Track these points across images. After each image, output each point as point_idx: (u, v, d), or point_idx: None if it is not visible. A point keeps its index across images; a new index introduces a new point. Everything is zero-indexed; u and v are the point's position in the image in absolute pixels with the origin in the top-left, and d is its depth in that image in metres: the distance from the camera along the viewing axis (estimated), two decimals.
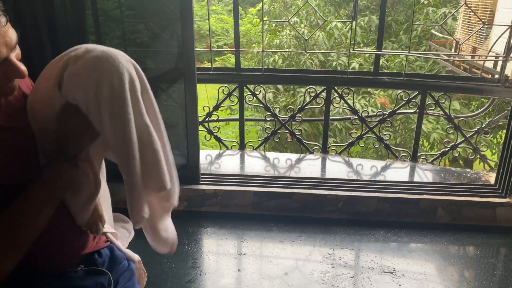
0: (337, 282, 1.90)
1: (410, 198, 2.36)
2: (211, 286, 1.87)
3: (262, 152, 3.08)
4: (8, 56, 0.85)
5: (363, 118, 2.83)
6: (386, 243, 2.22)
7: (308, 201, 2.42)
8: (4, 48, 0.84)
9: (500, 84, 2.56)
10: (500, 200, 2.34)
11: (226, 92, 2.82)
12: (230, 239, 2.23)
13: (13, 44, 0.86)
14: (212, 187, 2.44)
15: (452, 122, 2.71)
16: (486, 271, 2.02)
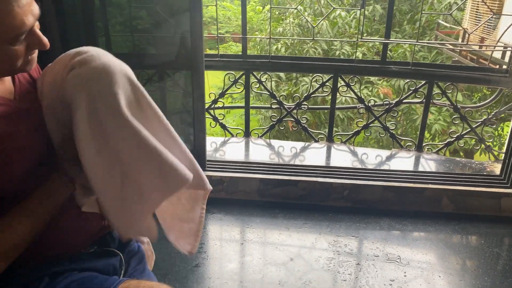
0: (343, 269, 1.92)
1: (415, 187, 2.37)
2: (218, 271, 1.89)
3: (267, 140, 3.08)
4: (33, 26, 0.85)
5: (369, 107, 2.82)
6: (391, 231, 2.24)
7: (314, 189, 2.42)
8: (31, 17, 0.83)
9: (508, 75, 2.55)
10: (506, 191, 2.35)
11: (232, 79, 2.81)
12: (236, 225, 2.25)
13: (38, 14, 0.85)
14: (218, 174, 2.45)
15: (458, 112, 2.71)
16: (490, 260, 2.03)
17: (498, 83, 2.60)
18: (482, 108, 2.95)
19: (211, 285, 1.78)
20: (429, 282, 1.86)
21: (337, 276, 1.88)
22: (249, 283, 1.81)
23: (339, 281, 1.84)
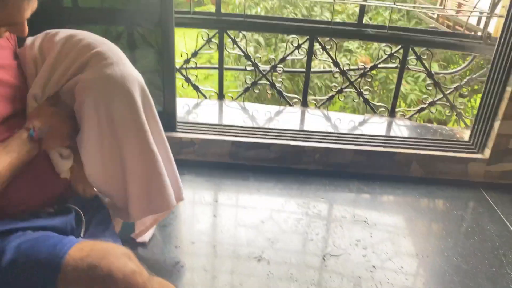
0: (310, 230, 1.94)
1: (385, 152, 2.39)
2: (186, 230, 1.88)
3: (242, 103, 3.03)
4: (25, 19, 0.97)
5: (344, 71, 2.79)
6: (359, 194, 2.26)
7: (286, 152, 2.41)
8: (29, 12, 0.97)
9: (482, 41, 2.55)
10: (473, 156, 2.39)
11: (205, 38, 2.71)
12: (206, 187, 2.23)
13: (34, 9, 0.98)
14: (189, 135, 2.40)
15: (432, 78, 2.71)
16: (454, 223, 2.09)
17: (472, 50, 2.60)
18: (456, 75, 2.97)
19: (179, 244, 1.78)
20: (394, 242, 1.90)
21: (304, 236, 1.89)
22: (217, 242, 1.81)
23: (306, 241, 1.86)
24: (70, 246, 0.99)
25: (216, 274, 1.63)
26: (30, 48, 1.20)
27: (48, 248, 0.99)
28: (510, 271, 1.76)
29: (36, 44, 1.21)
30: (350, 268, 1.72)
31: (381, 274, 1.70)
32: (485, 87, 2.34)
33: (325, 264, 1.74)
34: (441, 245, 1.91)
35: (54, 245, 1.00)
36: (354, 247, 1.85)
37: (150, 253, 1.69)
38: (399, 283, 1.66)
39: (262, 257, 1.74)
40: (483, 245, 1.92)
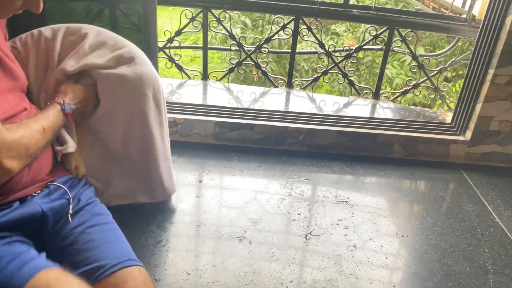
0: (293, 210, 1.94)
1: (368, 133, 2.40)
2: (167, 210, 1.86)
3: (226, 84, 3.00)
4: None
5: (329, 52, 2.78)
6: (342, 175, 2.27)
7: (270, 133, 2.40)
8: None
9: (466, 24, 2.56)
10: (454, 138, 2.42)
11: (189, 16, 2.66)
12: (189, 167, 2.21)
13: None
14: (171, 115, 2.37)
15: (416, 60, 2.71)
16: (434, 203, 2.12)
17: (457, 32, 2.61)
18: (440, 57, 2.97)
19: (160, 224, 1.77)
20: (374, 222, 1.92)
21: (286, 216, 1.90)
22: (200, 223, 1.80)
23: (289, 221, 1.87)
24: (32, 274, 0.96)
25: (198, 254, 1.63)
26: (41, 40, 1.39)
27: (11, 270, 0.96)
28: (486, 250, 1.80)
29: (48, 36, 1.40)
30: (331, 247, 1.74)
31: (361, 253, 1.72)
32: (468, 69, 2.35)
33: (306, 243, 1.75)
34: (421, 225, 1.94)
35: (19, 268, 0.97)
36: (336, 227, 1.86)
37: (131, 232, 1.68)
38: (378, 262, 1.68)
39: (244, 237, 1.74)
40: (462, 224, 1.95)
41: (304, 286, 1.53)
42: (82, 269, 1.07)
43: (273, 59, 6.96)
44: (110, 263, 1.08)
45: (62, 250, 1.11)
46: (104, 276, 1.06)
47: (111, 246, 1.13)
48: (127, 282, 1.06)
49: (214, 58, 8.31)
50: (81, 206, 1.21)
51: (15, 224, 1.07)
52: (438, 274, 1.64)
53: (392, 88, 7.46)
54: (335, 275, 1.59)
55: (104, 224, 1.19)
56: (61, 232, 1.14)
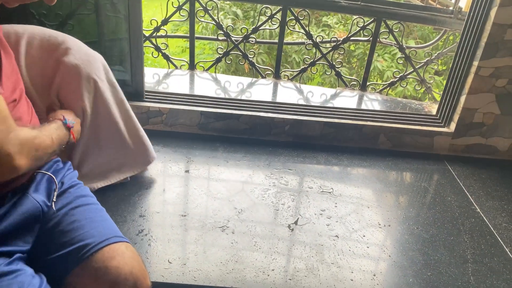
0: (276, 200, 1.95)
1: (354, 124, 2.40)
2: (152, 199, 1.86)
3: (214, 74, 2.98)
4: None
5: (317, 43, 2.77)
6: (327, 166, 2.28)
7: (256, 124, 2.40)
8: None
9: (453, 16, 2.56)
10: (439, 129, 2.43)
11: (176, 5, 2.63)
12: (174, 157, 2.20)
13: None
14: (157, 105, 2.36)
15: (403, 52, 2.72)
16: (417, 194, 2.14)
17: (443, 24, 2.62)
18: (428, 49, 2.98)
19: (143, 213, 1.76)
20: (358, 212, 1.93)
21: (270, 206, 1.90)
22: (183, 212, 1.80)
23: (272, 210, 1.88)
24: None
25: (181, 243, 1.63)
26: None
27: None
28: (466, 239, 1.82)
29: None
30: (313, 236, 1.75)
31: (344, 243, 1.73)
32: (453, 61, 2.37)
33: (289, 233, 1.76)
34: (404, 215, 1.95)
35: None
36: (319, 217, 1.87)
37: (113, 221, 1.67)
38: (360, 251, 1.70)
39: (227, 227, 1.74)
40: (443, 215, 1.98)
41: (286, 275, 1.54)
42: (67, 249, 1.06)
43: (264, 51, 6.93)
44: (96, 240, 1.08)
45: (46, 233, 1.10)
46: (91, 254, 1.05)
47: (96, 225, 1.12)
48: (114, 257, 1.06)
49: (206, 49, 8.26)
50: (64, 189, 1.20)
51: (18, 226, 1.05)
52: (419, 263, 1.66)
53: (383, 81, 7.48)
54: (316, 264, 1.60)
55: (87, 205, 1.19)
56: (45, 215, 1.13)
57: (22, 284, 0.95)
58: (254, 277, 1.51)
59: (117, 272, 1.05)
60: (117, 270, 1.05)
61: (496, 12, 2.10)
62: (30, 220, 1.08)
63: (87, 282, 1.04)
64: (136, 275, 1.07)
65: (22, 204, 1.07)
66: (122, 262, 1.06)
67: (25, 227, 1.07)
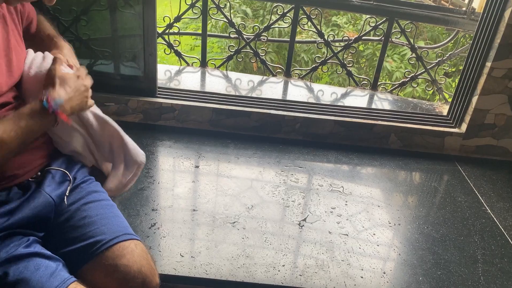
0: (287, 197, 1.96)
1: (365, 123, 2.41)
2: (163, 194, 1.88)
3: (224, 71, 3.00)
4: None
5: (328, 42, 2.78)
6: (337, 164, 2.29)
7: (266, 121, 2.41)
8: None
9: (466, 16, 2.56)
10: (450, 130, 2.43)
11: (189, 3, 2.65)
12: (185, 152, 2.22)
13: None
14: (169, 101, 2.38)
15: (415, 52, 2.71)
16: (427, 194, 2.14)
17: (456, 24, 2.61)
18: (439, 50, 2.98)
19: (155, 207, 1.78)
20: (368, 211, 1.94)
21: (280, 202, 1.92)
22: (194, 206, 1.82)
23: (282, 207, 1.89)
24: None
25: (192, 237, 1.65)
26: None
27: (40, 280, 0.96)
28: (477, 240, 1.82)
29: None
30: (323, 234, 1.76)
31: (354, 241, 1.74)
32: (466, 62, 2.36)
33: (299, 230, 1.77)
34: (414, 214, 1.96)
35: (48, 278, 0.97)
36: (329, 215, 1.88)
37: (126, 214, 1.70)
38: (370, 249, 1.70)
39: (238, 222, 1.76)
40: (454, 215, 1.98)
41: (296, 270, 1.55)
42: (78, 245, 1.08)
43: (273, 50, 6.94)
44: (106, 238, 1.09)
45: (57, 226, 1.12)
46: (101, 251, 1.07)
47: (107, 222, 1.13)
48: (124, 255, 1.07)
49: (214, 48, 8.28)
50: (76, 184, 1.21)
51: (30, 219, 1.06)
52: (428, 262, 1.67)
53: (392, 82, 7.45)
54: (326, 261, 1.61)
55: (99, 201, 1.20)
56: (57, 209, 1.14)
57: (39, 266, 0.97)
58: (265, 272, 1.53)
59: (126, 270, 1.06)
60: (126, 268, 1.06)
61: (511, 13, 2.09)
62: (42, 214, 1.10)
63: (97, 278, 1.06)
64: (145, 273, 1.09)
65: (34, 198, 1.09)
66: (131, 260, 1.08)
67: (37, 220, 1.08)
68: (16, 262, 0.96)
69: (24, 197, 1.08)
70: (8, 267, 0.95)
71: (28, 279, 0.94)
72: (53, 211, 1.12)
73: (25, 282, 0.94)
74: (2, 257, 0.96)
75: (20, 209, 1.05)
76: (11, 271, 0.94)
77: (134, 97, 2.33)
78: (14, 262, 0.96)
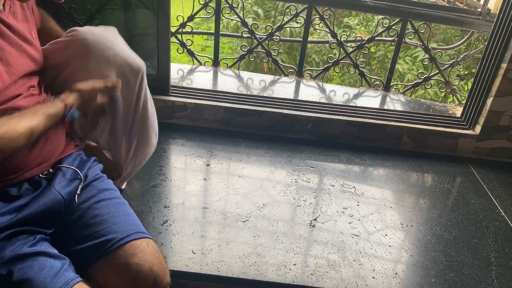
0: (298, 196, 1.96)
1: (377, 124, 2.39)
2: (175, 191, 1.89)
3: (236, 71, 3.01)
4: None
5: (341, 42, 2.77)
6: (349, 165, 2.28)
7: (278, 121, 2.41)
8: None
9: (481, 17, 2.53)
10: (463, 132, 2.41)
11: (202, 2, 2.66)
12: (197, 151, 2.23)
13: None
14: (182, 100, 2.39)
15: (428, 53, 2.69)
16: (440, 195, 2.12)
17: (471, 25, 2.58)
18: (453, 51, 2.95)
19: (168, 204, 1.79)
20: (380, 211, 1.93)
21: (292, 202, 1.92)
22: (206, 204, 1.83)
23: (294, 207, 1.89)
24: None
25: (203, 234, 1.66)
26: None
27: (44, 279, 0.97)
28: (490, 242, 1.80)
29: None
30: (335, 234, 1.75)
31: (365, 241, 1.73)
32: (480, 63, 2.34)
33: (311, 229, 1.76)
34: (426, 216, 1.94)
35: (52, 277, 0.98)
36: (341, 215, 1.87)
37: (138, 211, 1.71)
38: (382, 250, 1.70)
39: (249, 220, 1.76)
40: (467, 217, 1.96)
41: (307, 270, 1.55)
42: (89, 243, 1.08)
43: (284, 50, 6.94)
44: (118, 236, 1.09)
45: (68, 224, 1.12)
46: (113, 249, 1.07)
47: (119, 220, 1.14)
48: (135, 254, 1.08)
49: (225, 48, 8.30)
50: (88, 182, 1.21)
51: (38, 216, 1.07)
52: (441, 264, 1.65)
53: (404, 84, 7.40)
54: (338, 261, 1.61)
55: (111, 199, 1.20)
56: (68, 208, 1.15)
57: (43, 266, 0.98)
58: (276, 270, 1.53)
59: (138, 268, 1.07)
60: (138, 267, 1.07)
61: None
62: (51, 211, 1.10)
63: (109, 276, 1.06)
64: (156, 272, 1.09)
65: (44, 195, 1.09)
66: (143, 259, 1.08)
67: (45, 217, 1.09)
68: (21, 261, 0.97)
69: (34, 194, 1.09)
70: (13, 266, 0.95)
71: (32, 279, 0.94)
72: (62, 208, 1.13)
73: (29, 282, 0.94)
74: (8, 256, 0.96)
75: (29, 206, 1.06)
76: (16, 271, 0.95)
77: None
78: (19, 261, 0.96)
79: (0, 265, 0.95)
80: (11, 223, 1.01)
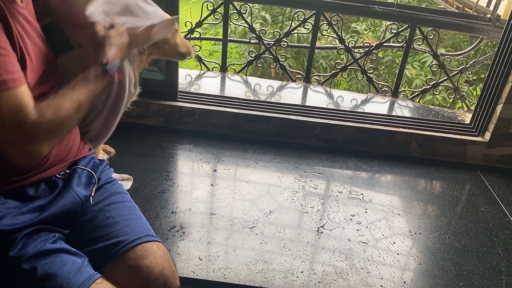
0: (306, 203, 1.95)
1: (386, 130, 2.38)
2: (183, 197, 1.89)
3: (244, 76, 3.01)
4: None
5: (349, 48, 2.76)
6: (357, 171, 2.27)
7: (286, 126, 2.41)
8: None
9: (490, 23, 2.52)
10: (473, 139, 2.38)
11: (210, 8, 2.68)
12: (205, 156, 2.23)
13: None
14: (189, 105, 2.40)
15: (437, 59, 2.68)
16: (449, 203, 2.10)
17: (480, 32, 2.57)
18: (462, 57, 2.93)
19: (175, 210, 1.79)
20: (388, 219, 1.91)
21: (299, 208, 1.91)
22: (213, 210, 1.82)
23: (301, 213, 1.88)
24: (88, 284, 0.98)
25: (210, 241, 1.66)
26: None
27: (67, 275, 0.97)
28: (501, 251, 1.78)
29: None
30: (343, 241, 1.74)
31: (373, 249, 1.72)
32: (490, 69, 2.32)
33: (318, 236, 1.75)
34: (435, 223, 1.92)
35: (74, 273, 0.99)
36: (349, 222, 1.86)
37: (146, 216, 1.70)
38: (390, 258, 1.68)
39: (256, 227, 1.76)
40: (476, 225, 1.93)
41: (315, 277, 1.54)
42: (101, 244, 1.09)
43: (291, 56, 6.94)
44: (129, 238, 1.10)
45: (81, 225, 1.13)
46: (124, 251, 1.08)
47: (130, 223, 1.15)
48: (146, 256, 1.08)
49: (233, 53, 8.33)
50: (100, 185, 1.24)
51: (59, 217, 1.08)
52: (450, 273, 1.63)
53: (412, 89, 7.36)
54: (345, 269, 1.60)
55: (122, 202, 1.21)
56: (83, 209, 1.16)
57: (65, 261, 0.99)
58: (283, 278, 1.52)
59: (148, 271, 1.07)
60: (148, 269, 1.07)
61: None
62: (70, 212, 1.12)
63: (119, 278, 1.07)
64: (166, 275, 1.10)
65: (63, 197, 1.11)
66: (153, 262, 1.09)
67: (64, 218, 1.10)
68: (44, 257, 0.98)
69: (52, 195, 1.10)
70: (35, 262, 0.97)
71: (56, 274, 0.95)
72: (79, 210, 1.14)
73: (53, 277, 0.95)
74: (30, 252, 0.97)
75: (50, 206, 1.07)
76: (39, 266, 0.96)
77: (155, 100, 2.36)
78: (42, 257, 0.98)
79: (24, 261, 0.96)
80: (34, 222, 1.03)
